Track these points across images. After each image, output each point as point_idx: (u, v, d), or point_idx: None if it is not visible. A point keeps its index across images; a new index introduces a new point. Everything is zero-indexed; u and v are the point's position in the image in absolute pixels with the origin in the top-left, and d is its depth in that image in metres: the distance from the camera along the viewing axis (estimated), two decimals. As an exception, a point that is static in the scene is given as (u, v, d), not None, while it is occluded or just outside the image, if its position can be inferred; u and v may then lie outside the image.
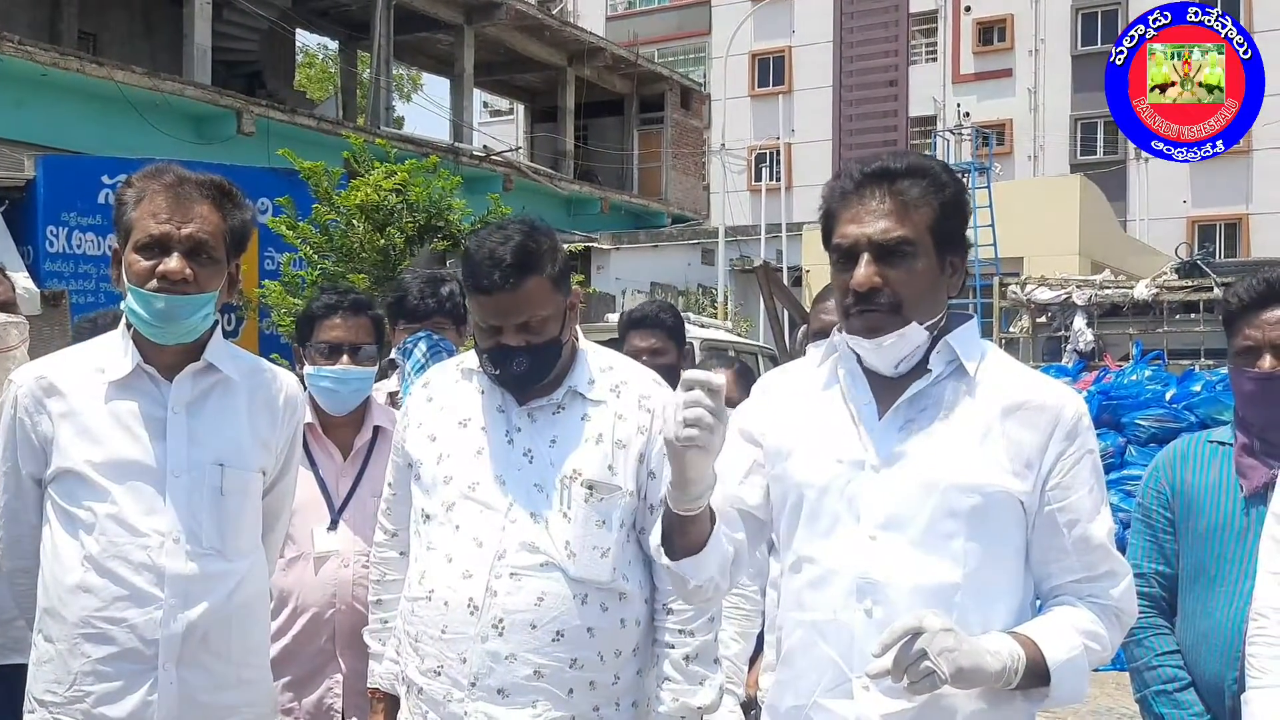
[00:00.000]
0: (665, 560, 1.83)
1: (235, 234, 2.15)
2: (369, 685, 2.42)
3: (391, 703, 2.30)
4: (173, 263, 2.05)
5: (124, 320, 2.16)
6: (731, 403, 2.96)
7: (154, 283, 2.05)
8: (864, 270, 1.75)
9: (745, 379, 3.08)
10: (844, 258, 1.79)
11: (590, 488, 2.10)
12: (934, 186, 1.78)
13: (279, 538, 2.45)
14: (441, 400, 2.24)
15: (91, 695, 2.05)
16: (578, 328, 2.24)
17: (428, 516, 2.16)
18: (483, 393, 2.19)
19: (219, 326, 2.22)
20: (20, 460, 2.15)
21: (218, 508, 2.13)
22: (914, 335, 1.77)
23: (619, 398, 2.17)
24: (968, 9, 31.37)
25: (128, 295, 2.09)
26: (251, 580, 2.19)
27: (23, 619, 2.25)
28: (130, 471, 2.08)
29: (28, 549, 2.18)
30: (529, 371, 2.10)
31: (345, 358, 2.80)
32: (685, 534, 1.78)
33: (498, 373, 2.12)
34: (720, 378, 1.69)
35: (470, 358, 2.24)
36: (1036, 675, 1.69)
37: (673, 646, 2.16)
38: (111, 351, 2.16)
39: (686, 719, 2.17)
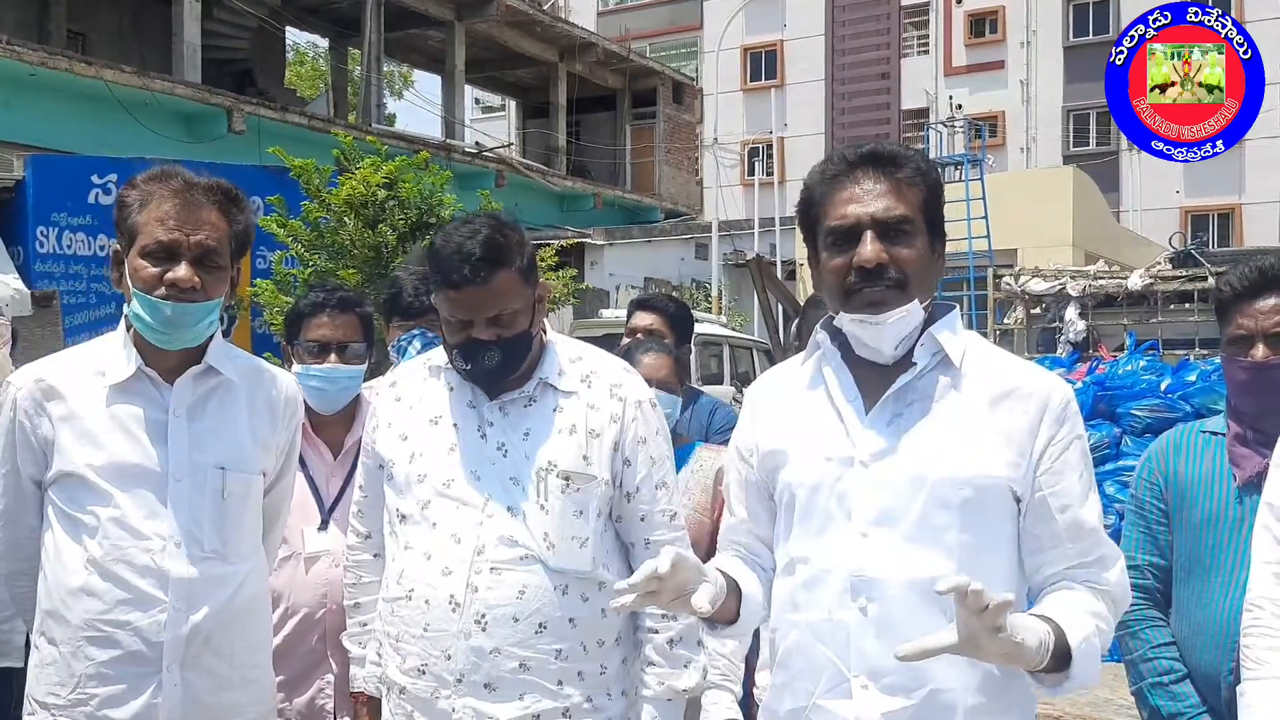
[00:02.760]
0: (710, 634, 1.93)
1: (239, 238, 2.15)
2: (351, 690, 2.42)
3: (376, 705, 2.29)
4: (182, 271, 2.04)
5: (124, 323, 2.15)
6: (666, 386, 2.96)
7: (162, 290, 2.05)
8: (871, 246, 1.74)
9: (681, 366, 3.08)
10: (842, 239, 1.77)
11: (566, 479, 2.10)
12: (919, 171, 1.79)
13: (277, 538, 2.45)
14: (411, 399, 2.23)
15: (95, 698, 2.06)
16: (546, 320, 2.24)
17: (403, 516, 2.15)
18: (452, 389, 2.19)
19: (219, 329, 2.21)
20: (20, 463, 2.15)
21: (219, 511, 2.13)
22: (915, 314, 1.77)
23: (590, 388, 2.17)
24: (959, 1, 31.36)
25: (132, 300, 2.08)
26: (253, 582, 2.20)
27: (20, 622, 2.24)
28: (132, 475, 2.08)
29: (27, 551, 2.18)
30: (500, 365, 2.09)
31: (333, 356, 2.79)
32: (715, 619, 1.83)
33: (469, 368, 2.11)
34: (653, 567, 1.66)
35: (438, 355, 2.23)
36: (1059, 659, 1.65)
37: (656, 631, 2.18)
38: (112, 354, 2.15)
39: (673, 701, 2.19)
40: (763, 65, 33.21)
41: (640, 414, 2.18)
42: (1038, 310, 13.98)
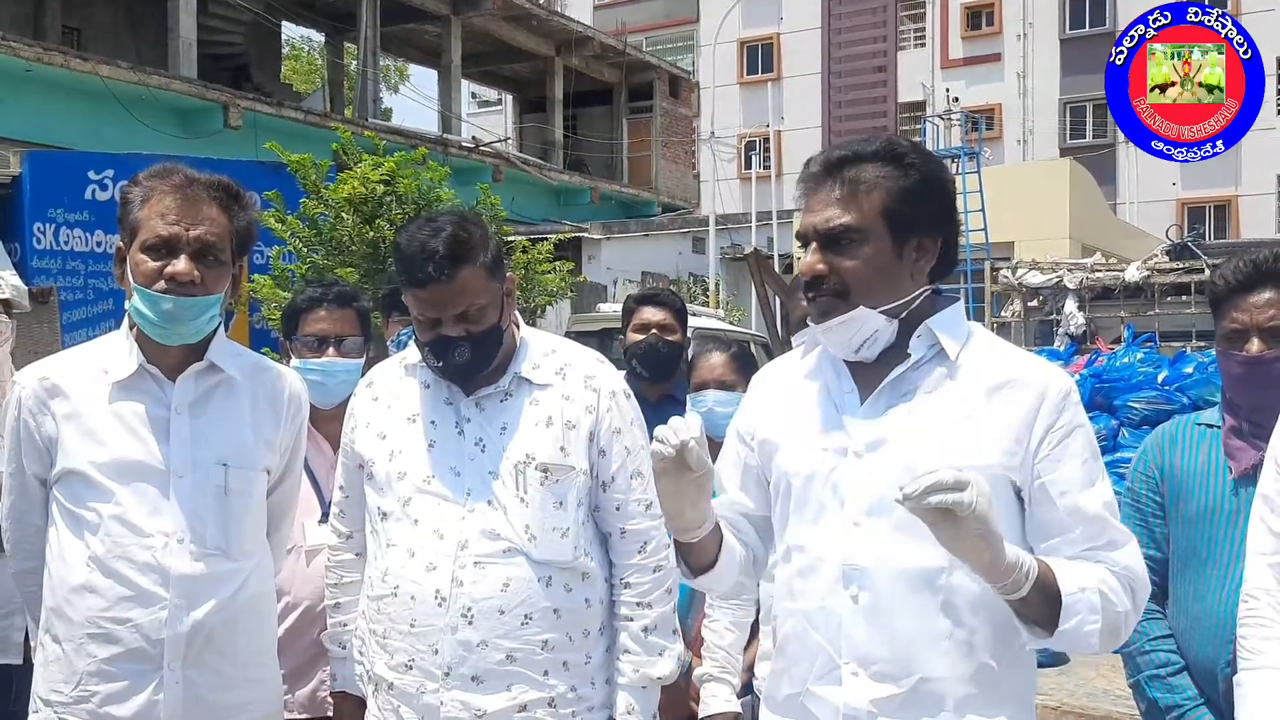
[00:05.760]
0: (688, 579, 1.92)
1: (241, 235, 2.16)
2: (332, 690, 2.43)
3: (356, 704, 2.31)
4: (181, 264, 2.05)
5: (127, 320, 2.16)
6: (725, 385, 2.99)
7: (161, 284, 2.05)
8: (808, 259, 1.80)
9: (743, 363, 3.08)
10: (802, 247, 1.83)
11: (545, 470, 2.12)
12: (895, 170, 1.78)
13: (285, 536, 2.45)
14: (388, 398, 2.25)
15: (97, 695, 2.06)
16: (517, 314, 2.26)
17: (385, 514, 2.17)
18: (428, 386, 2.21)
19: (221, 326, 2.22)
20: (25, 461, 2.16)
21: (222, 507, 2.14)
22: (864, 319, 1.77)
23: (565, 380, 2.20)
24: (956, -7, 31.32)
25: (133, 295, 2.09)
26: (257, 579, 2.20)
27: (19, 619, 2.24)
28: (134, 472, 2.09)
29: (34, 549, 2.19)
30: (471, 360, 2.12)
31: (331, 350, 2.81)
32: (691, 555, 1.86)
33: (441, 364, 2.13)
34: (681, 433, 1.73)
35: (412, 353, 2.25)
36: (1046, 600, 1.63)
37: (631, 619, 2.20)
38: (115, 352, 2.16)
39: (647, 689, 2.20)
40: (759, 58, 33.16)
41: (615, 404, 2.21)
42: (1035, 303, 14.00)
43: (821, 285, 1.79)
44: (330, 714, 2.56)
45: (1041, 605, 1.64)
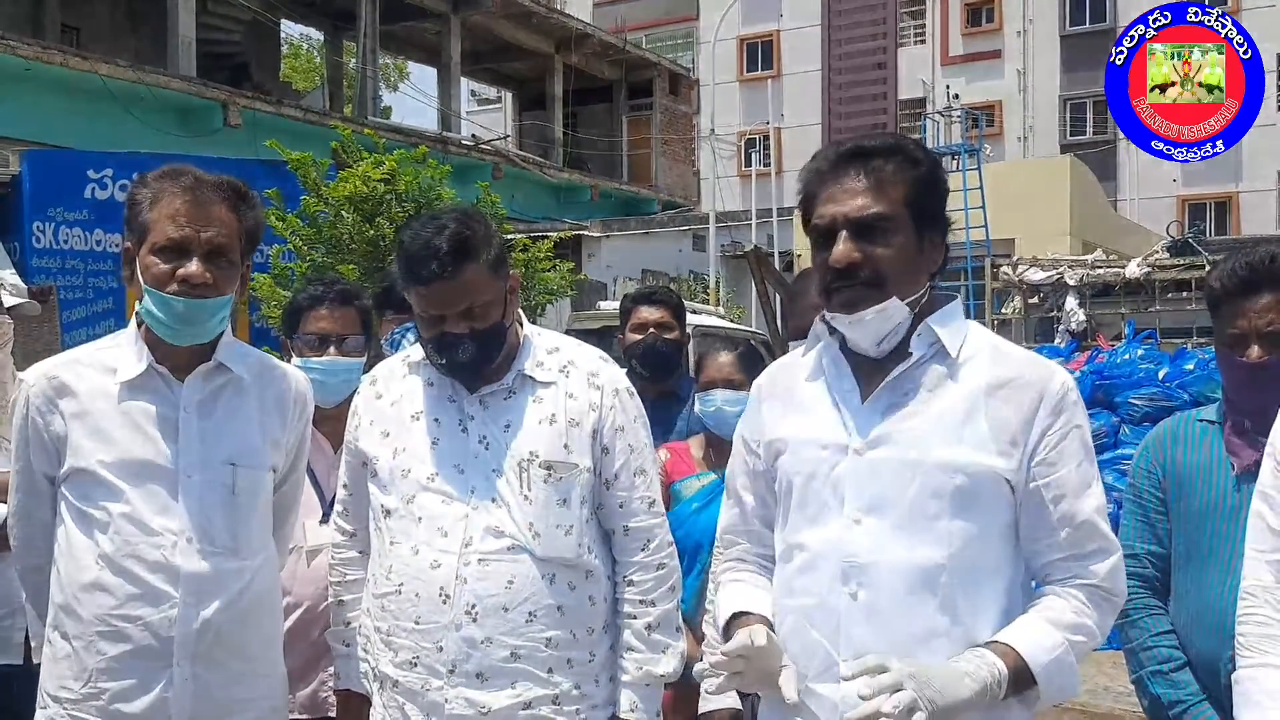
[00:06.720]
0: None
1: (249, 235, 2.17)
2: (337, 688, 2.44)
3: (362, 702, 2.31)
4: (193, 267, 2.06)
5: (134, 320, 2.18)
6: (733, 384, 3.00)
7: (174, 286, 2.07)
8: (842, 247, 1.76)
9: (750, 362, 3.08)
10: (823, 237, 1.80)
11: (548, 468, 2.13)
12: (908, 163, 1.79)
13: (289, 533, 2.47)
14: (391, 396, 2.25)
15: (107, 692, 2.08)
16: (520, 312, 2.26)
17: (388, 512, 2.18)
18: (431, 384, 2.22)
19: (229, 325, 2.23)
20: (33, 459, 2.17)
21: (230, 506, 2.15)
22: (895, 310, 1.77)
23: (568, 377, 2.20)
24: (956, -10, 31.29)
25: (144, 297, 2.10)
26: (263, 577, 2.22)
27: (20, 619, 2.23)
28: (143, 471, 2.11)
29: (40, 546, 2.21)
30: (475, 358, 2.12)
31: (332, 349, 2.81)
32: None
33: (444, 362, 2.14)
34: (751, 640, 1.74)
35: (415, 351, 2.26)
36: (1022, 682, 1.68)
37: (635, 617, 2.20)
38: (123, 351, 2.17)
39: (651, 686, 2.21)
40: (759, 56, 33.15)
41: (618, 402, 2.21)
42: (1035, 300, 14.01)
43: (856, 275, 1.76)
44: (332, 714, 2.57)
45: (1020, 686, 1.69)
